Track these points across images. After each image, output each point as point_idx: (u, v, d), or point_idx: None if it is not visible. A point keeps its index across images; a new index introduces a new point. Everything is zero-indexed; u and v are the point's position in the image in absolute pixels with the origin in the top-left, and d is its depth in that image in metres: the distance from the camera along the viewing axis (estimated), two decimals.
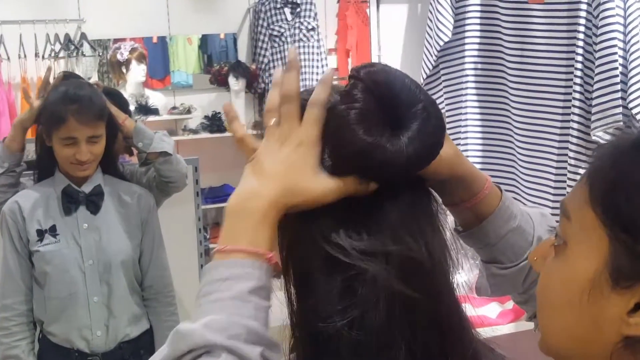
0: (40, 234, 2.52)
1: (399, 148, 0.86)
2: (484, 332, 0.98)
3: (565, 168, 2.73)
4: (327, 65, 6.29)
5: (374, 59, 3.43)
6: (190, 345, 0.79)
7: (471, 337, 0.94)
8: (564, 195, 2.74)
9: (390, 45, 3.32)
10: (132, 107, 4.15)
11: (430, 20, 3.02)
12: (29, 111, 2.60)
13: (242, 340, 0.79)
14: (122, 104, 2.91)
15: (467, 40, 2.97)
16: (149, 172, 2.80)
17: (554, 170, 2.80)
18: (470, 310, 0.96)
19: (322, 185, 0.88)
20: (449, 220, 1.00)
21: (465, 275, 0.97)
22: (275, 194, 0.87)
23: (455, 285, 0.93)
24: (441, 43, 2.98)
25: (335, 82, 0.93)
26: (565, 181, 2.74)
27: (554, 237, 0.85)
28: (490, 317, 2.74)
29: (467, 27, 2.96)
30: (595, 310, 0.77)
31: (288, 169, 0.88)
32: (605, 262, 0.76)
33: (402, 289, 0.86)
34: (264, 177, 0.88)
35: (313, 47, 6.25)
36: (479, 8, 2.93)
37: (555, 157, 2.78)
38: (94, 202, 2.55)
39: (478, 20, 2.95)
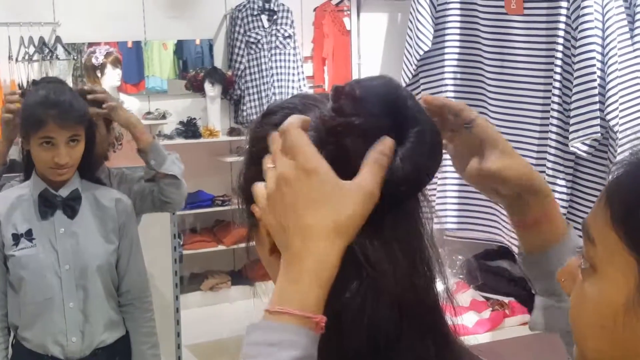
0: (16, 238, 2.48)
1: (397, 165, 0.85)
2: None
3: (543, 178, 2.75)
4: (303, 72, 6.30)
5: (354, 67, 3.44)
6: None
7: (460, 344, 0.94)
8: None
9: (370, 54, 3.33)
10: None
11: (410, 29, 3.03)
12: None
13: None
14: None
15: (446, 50, 2.99)
16: (144, 181, 2.82)
17: None
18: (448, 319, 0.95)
19: (360, 194, 0.82)
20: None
21: (443, 283, 0.97)
22: (328, 240, 0.80)
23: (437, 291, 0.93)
24: (421, 52, 2.99)
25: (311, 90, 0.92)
26: None
27: (581, 257, 0.83)
28: (467, 326, 2.75)
29: (447, 37, 2.98)
30: (629, 333, 0.76)
31: (321, 203, 0.81)
32: (636, 285, 0.75)
33: (410, 297, 0.86)
34: (303, 227, 0.81)
35: (289, 54, 6.26)
36: (458, 18, 2.95)
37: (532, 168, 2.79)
38: (71, 207, 2.53)
39: (458, 31, 2.96)
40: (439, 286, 0.94)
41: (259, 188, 0.85)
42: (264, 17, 6.16)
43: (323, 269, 0.80)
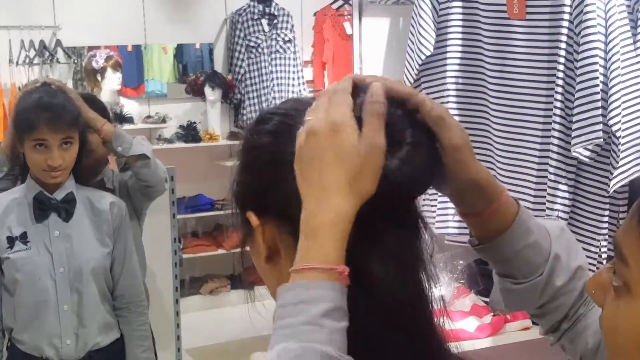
0: (11, 241, 2.48)
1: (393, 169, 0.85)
2: (462, 346, 0.97)
3: (545, 184, 2.74)
4: (303, 77, 6.31)
5: (356, 72, 3.43)
6: None
7: (447, 351, 0.93)
8: (543, 210, 2.75)
9: (372, 58, 3.33)
10: None
11: (412, 34, 3.03)
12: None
13: None
14: (99, 109, 2.90)
15: (448, 55, 2.98)
16: (133, 178, 2.82)
17: (533, 186, 2.81)
18: (447, 324, 0.95)
19: (368, 151, 0.84)
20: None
21: (444, 289, 0.96)
22: (343, 197, 0.84)
23: (431, 299, 0.92)
24: (423, 57, 2.98)
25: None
26: (544, 196, 2.75)
27: (612, 272, 0.79)
28: (468, 330, 2.74)
29: (449, 42, 2.97)
30: None
31: (338, 163, 0.84)
32: None
33: (402, 307, 0.86)
34: (319, 187, 0.84)
35: (289, 58, 6.26)
36: (460, 23, 2.95)
37: (535, 173, 2.79)
38: (66, 210, 2.52)
39: (460, 35, 2.96)
40: (435, 293, 0.93)
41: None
42: (264, 21, 6.17)
43: (338, 221, 0.83)
